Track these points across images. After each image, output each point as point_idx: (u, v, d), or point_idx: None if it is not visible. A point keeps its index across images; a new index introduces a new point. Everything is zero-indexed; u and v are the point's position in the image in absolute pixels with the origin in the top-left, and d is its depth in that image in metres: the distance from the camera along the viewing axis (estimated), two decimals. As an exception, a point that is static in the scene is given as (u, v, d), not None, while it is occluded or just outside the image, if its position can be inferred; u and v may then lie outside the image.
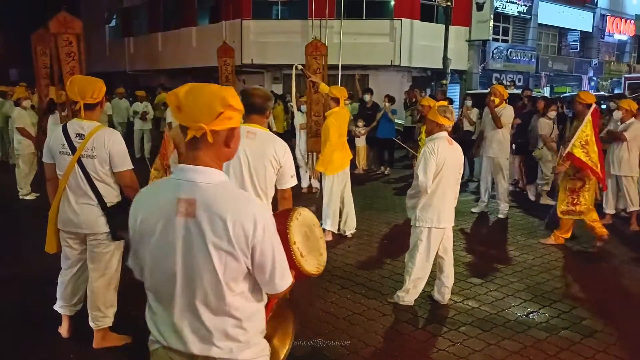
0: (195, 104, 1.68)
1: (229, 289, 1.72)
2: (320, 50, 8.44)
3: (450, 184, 4.52)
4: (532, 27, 24.44)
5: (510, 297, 4.95)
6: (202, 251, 1.69)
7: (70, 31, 6.38)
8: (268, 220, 1.73)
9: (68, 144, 3.41)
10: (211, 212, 1.68)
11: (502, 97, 7.56)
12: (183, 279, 1.73)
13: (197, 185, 1.71)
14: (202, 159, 1.74)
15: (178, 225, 1.71)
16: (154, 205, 1.77)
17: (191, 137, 1.69)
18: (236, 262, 1.70)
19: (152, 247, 1.76)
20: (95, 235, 3.53)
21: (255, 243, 1.69)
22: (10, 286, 5.03)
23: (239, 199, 1.73)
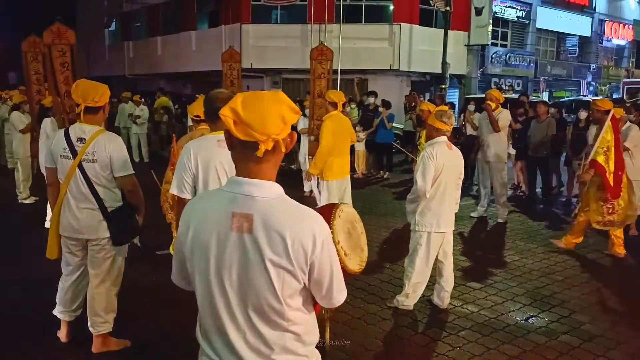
0: (262, 115, 1.59)
1: (287, 305, 1.66)
2: (326, 55, 8.49)
3: (450, 189, 4.53)
4: (530, 31, 24.53)
5: (510, 302, 4.95)
6: (259, 268, 1.62)
7: (64, 41, 6.44)
8: (327, 235, 1.67)
9: (69, 148, 3.41)
10: (269, 228, 1.60)
11: (497, 102, 7.62)
12: (239, 295, 1.66)
13: (255, 200, 1.63)
14: (264, 171, 1.66)
15: (233, 241, 1.63)
16: (207, 218, 1.68)
17: (264, 150, 1.60)
18: (294, 279, 1.64)
19: (205, 262, 1.68)
20: (97, 240, 3.53)
21: (314, 259, 1.63)
22: (10, 289, 5.04)
23: (298, 214, 1.65)
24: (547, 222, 7.92)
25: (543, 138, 8.90)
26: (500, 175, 7.71)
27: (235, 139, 1.63)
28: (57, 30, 6.41)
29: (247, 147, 1.62)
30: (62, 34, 6.42)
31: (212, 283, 1.67)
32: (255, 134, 1.58)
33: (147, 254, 5.48)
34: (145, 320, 4.39)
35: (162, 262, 5.52)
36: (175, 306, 4.67)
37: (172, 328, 4.26)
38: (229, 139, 1.68)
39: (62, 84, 6.48)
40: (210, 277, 1.67)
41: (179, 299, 4.81)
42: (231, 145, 1.69)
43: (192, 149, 3.07)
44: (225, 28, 20.00)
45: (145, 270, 5.25)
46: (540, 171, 9.42)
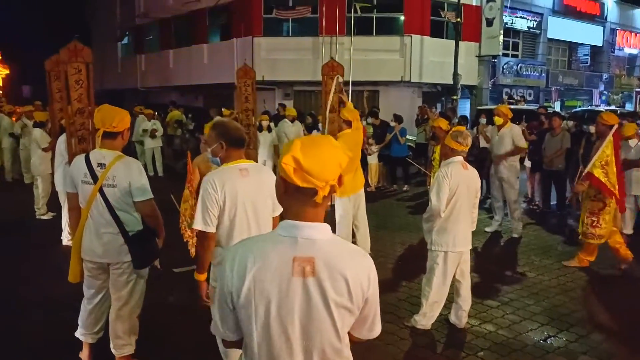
0: (322, 163, 1.62)
1: (343, 342, 1.71)
2: (337, 70, 8.54)
3: (465, 208, 4.54)
4: (542, 41, 24.49)
5: (527, 321, 4.93)
6: (323, 310, 1.64)
7: (80, 59, 6.56)
8: (375, 273, 1.74)
9: (90, 173, 3.46)
10: (332, 270, 1.63)
11: (505, 117, 7.63)
12: (302, 340, 1.67)
13: (315, 242, 1.65)
14: (320, 214, 1.70)
15: (295, 286, 1.63)
16: (266, 264, 1.65)
17: (322, 196, 1.63)
18: (351, 317, 1.70)
19: (266, 309, 1.65)
20: (118, 264, 3.57)
21: (368, 296, 1.70)
22: (31, 310, 5.08)
23: (354, 254, 1.71)
24: (562, 237, 7.88)
25: (558, 151, 8.87)
26: (513, 190, 7.71)
27: (291, 184, 1.64)
28: (74, 48, 6.53)
29: (304, 193, 1.64)
30: (78, 52, 6.54)
31: (272, 330, 1.66)
32: (315, 180, 1.61)
33: (164, 273, 5.52)
34: (165, 341, 4.41)
35: (179, 280, 5.58)
36: (194, 326, 4.72)
37: (192, 348, 4.29)
38: (284, 184, 1.67)
39: (75, 101, 6.60)
40: (270, 324, 1.65)
41: (198, 319, 4.88)
42: (285, 190, 1.69)
43: (217, 181, 3.06)
44: (237, 41, 20.15)
45: (163, 289, 5.28)
46: (554, 185, 9.38)
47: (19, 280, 5.93)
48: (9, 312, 5.06)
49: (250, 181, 3.10)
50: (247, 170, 3.12)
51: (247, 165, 3.15)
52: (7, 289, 5.69)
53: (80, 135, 6.66)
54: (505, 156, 7.70)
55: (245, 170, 3.11)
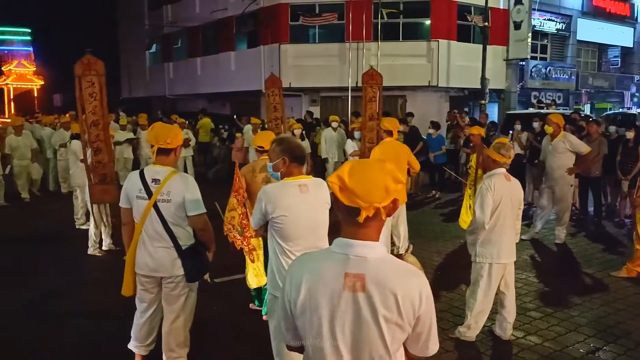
0: (367, 185, 1.70)
1: (393, 356, 1.78)
2: (376, 79, 8.60)
3: (509, 220, 4.51)
4: (571, 44, 24.14)
5: (573, 332, 4.87)
6: (372, 324, 1.72)
7: (94, 73, 6.71)
8: (429, 292, 1.78)
9: (145, 188, 3.54)
10: (382, 287, 1.71)
11: (556, 126, 7.51)
12: (351, 352, 1.76)
13: (366, 260, 1.73)
14: (370, 234, 1.76)
15: (346, 300, 1.73)
16: (320, 279, 1.76)
17: (365, 217, 1.70)
18: (402, 333, 1.76)
19: (318, 320, 1.76)
20: (171, 278, 3.63)
21: (420, 313, 1.75)
22: (80, 321, 5.18)
23: (405, 272, 1.77)
24: (602, 245, 7.76)
25: (595, 158, 8.73)
26: (566, 199, 7.63)
27: (340, 202, 1.75)
28: (88, 62, 6.69)
29: (350, 212, 1.73)
30: (91, 66, 6.70)
31: (324, 340, 1.77)
32: (359, 201, 1.69)
33: (206, 283, 5.59)
34: (213, 353, 4.47)
35: (221, 290, 5.65)
36: (240, 337, 4.78)
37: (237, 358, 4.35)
38: (336, 202, 1.78)
39: (90, 113, 6.75)
40: (322, 334, 1.76)
41: (243, 330, 4.95)
42: (337, 207, 1.79)
43: (269, 196, 3.19)
44: (264, 48, 20.31)
45: (206, 299, 5.32)
46: (591, 192, 9.25)
47: (61, 290, 6.07)
48: (54, 322, 5.17)
49: (309, 197, 3.18)
50: (307, 186, 3.20)
51: (307, 181, 3.23)
52: (51, 298, 5.83)
53: (96, 147, 6.80)
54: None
55: (305, 187, 3.19)
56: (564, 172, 7.53)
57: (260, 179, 4.93)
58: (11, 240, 8.21)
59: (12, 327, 5.04)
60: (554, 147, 7.62)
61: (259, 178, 4.92)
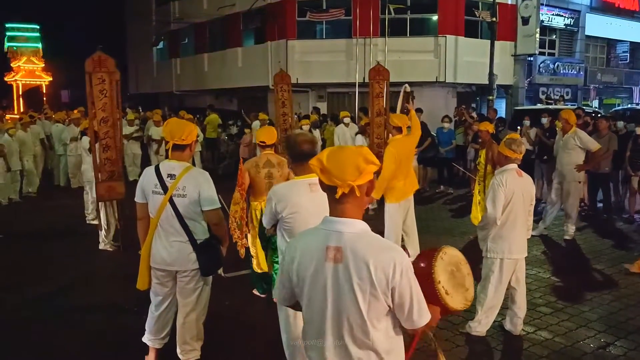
0: (340, 165, 1.94)
1: (372, 325, 1.95)
2: (383, 75, 8.59)
3: (521, 215, 4.52)
4: (579, 39, 23.99)
5: (584, 328, 4.88)
6: (348, 292, 1.94)
7: (104, 70, 6.76)
8: (406, 265, 1.94)
9: (160, 183, 3.58)
10: (356, 258, 1.92)
11: (566, 123, 7.50)
12: (332, 316, 1.99)
13: (343, 235, 1.96)
14: (349, 210, 1.99)
15: (327, 270, 1.97)
16: (307, 251, 2.03)
17: (340, 193, 1.93)
18: (378, 302, 1.93)
19: (307, 287, 2.03)
20: (186, 271, 3.67)
21: (394, 285, 1.92)
22: (90, 315, 5.22)
23: (380, 246, 1.97)
24: (612, 241, 7.76)
25: (604, 154, 8.71)
26: (575, 195, 7.63)
27: (324, 184, 2.00)
28: (98, 59, 6.73)
29: (331, 191, 1.99)
30: (102, 63, 6.74)
31: (312, 303, 2.03)
32: (335, 179, 1.94)
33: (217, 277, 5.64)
34: (226, 346, 4.51)
35: (232, 284, 5.69)
36: (251, 331, 4.83)
37: (249, 352, 4.38)
38: (321, 184, 2.03)
39: (100, 110, 6.80)
40: (311, 298, 2.03)
41: (254, 324, 4.99)
42: (322, 188, 2.04)
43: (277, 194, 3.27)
44: (271, 44, 20.32)
45: (217, 294, 5.36)
46: (601, 188, 9.24)
47: (74, 285, 6.12)
48: (67, 316, 5.23)
49: (320, 196, 3.12)
50: (317, 185, 3.15)
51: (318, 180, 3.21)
52: (64, 293, 5.89)
53: (105, 143, 6.85)
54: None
55: (315, 185, 3.13)
56: (573, 168, 7.52)
57: (264, 174, 5.00)
58: (24, 236, 8.29)
59: (26, 321, 5.10)
60: (564, 143, 7.62)
61: (262, 173, 4.99)
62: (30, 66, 30.76)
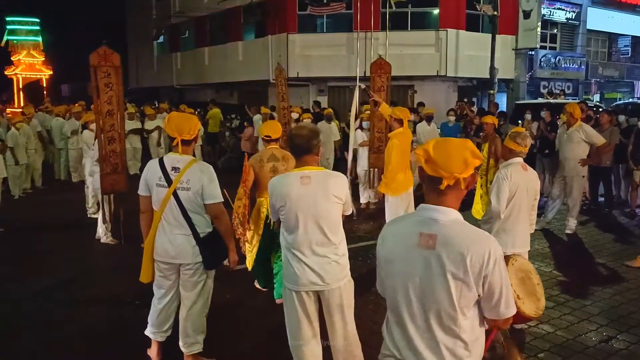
0: (448, 157, 1.95)
1: (462, 313, 1.96)
2: (384, 69, 8.57)
3: (524, 210, 4.52)
4: (580, 33, 23.91)
5: (586, 322, 4.88)
6: (440, 279, 1.95)
7: (109, 64, 6.81)
8: (499, 254, 1.96)
9: (164, 176, 3.58)
10: (450, 246, 1.94)
11: (570, 116, 7.47)
12: (420, 302, 2.00)
13: (438, 222, 1.98)
14: (447, 201, 2.01)
15: (418, 255, 1.98)
16: (399, 236, 2.06)
17: (446, 185, 1.95)
18: (469, 291, 1.94)
19: (394, 271, 2.06)
20: (190, 264, 3.67)
21: (487, 273, 1.92)
22: (92, 308, 5.23)
23: (475, 235, 1.98)
24: (613, 235, 7.76)
25: (606, 148, 8.69)
26: (578, 190, 7.62)
27: (425, 173, 2.01)
28: (104, 53, 6.79)
29: (433, 182, 1.99)
30: (107, 57, 6.81)
31: (398, 288, 2.05)
32: (441, 171, 1.95)
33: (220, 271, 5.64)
34: (228, 339, 4.52)
35: (234, 278, 5.67)
36: (253, 324, 4.84)
37: (251, 347, 4.39)
38: (421, 173, 2.05)
39: (105, 103, 6.83)
40: (397, 282, 2.05)
41: (256, 317, 5.00)
42: (422, 178, 2.06)
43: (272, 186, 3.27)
44: (271, 38, 20.27)
45: (219, 287, 5.37)
46: (602, 182, 9.23)
47: (76, 278, 6.13)
48: (69, 309, 5.23)
49: (311, 189, 3.16)
50: (309, 178, 3.17)
51: (311, 173, 3.20)
52: (66, 286, 5.90)
53: (110, 136, 6.87)
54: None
55: (307, 178, 3.17)
56: (577, 162, 7.49)
57: (268, 169, 4.95)
58: (25, 229, 8.29)
59: (27, 313, 5.11)
60: (569, 137, 7.58)
61: (267, 168, 4.95)
62: (30, 60, 30.68)
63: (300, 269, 3.17)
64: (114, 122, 6.91)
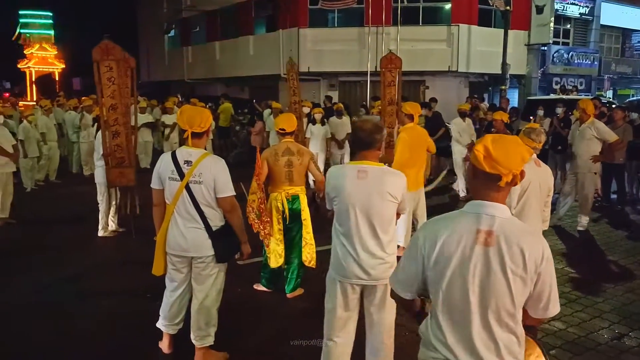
0: (508, 154, 1.95)
1: (518, 310, 1.97)
2: (395, 63, 8.54)
3: (536, 206, 4.47)
4: (594, 28, 23.70)
5: (598, 319, 4.86)
6: (500, 276, 1.94)
7: (111, 58, 6.83)
8: (550, 253, 2.00)
9: (177, 170, 3.59)
10: (510, 243, 1.94)
11: (583, 112, 7.41)
12: (479, 299, 1.97)
13: (495, 219, 1.97)
14: (500, 197, 2.02)
15: (477, 253, 1.96)
16: (454, 233, 2.00)
17: (505, 182, 1.95)
18: (525, 288, 1.95)
19: (450, 269, 2.00)
20: (202, 258, 3.69)
21: (541, 270, 1.95)
22: (104, 300, 5.26)
23: (530, 232, 2.00)
24: (625, 232, 7.70)
25: (619, 145, 8.61)
26: (590, 187, 7.56)
27: (480, 170, 1.99)
28: (105, 47, 6.81)
29: (490, 178, 1.98)
30: (109, 51, 6.83)
31: (454, 288, 2.00)
32: (501, 168, 1.95)
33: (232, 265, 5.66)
34: (240, 332, 4.54)
35: (245, 271, 5.70)
36: (264, 317, 4.86)
37: (262, 341, 4.41)
38: (474, 170, 2.03)
39: (109, 97, 6.87)
40: (453, 282, 2.00)
41: (266, 310, 5.02)
42: (475, 174, 2.04)
43: (329, 175, 3.30)
44: (282, 32, 20.25)
45: (229, 280, 5.40)
46: (615, 178, 9.16)
47: (88, 271, 6.17)
48: (81, 301, 5.27)
49: (366, 184, 3.13)
50: (366, 173, 3.14)
51: (368, 168, 3.15)
52: (78, 279, 5.93)
53: (114, 130, 6.90)
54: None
55: (364, 172, 3.14)
56: (588, 159, 7.44)
57: (283, 163, 4.93)
58: (37, 222, 8.37)
59: (39, 305, 5.15)
60: (581, 133, 7.52)
61: (282, 162, 4.93)
62: (42, 53, 30.88)
63: (348, 261, 3.18)
64: (118, 116, 6.94)
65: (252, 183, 4.91)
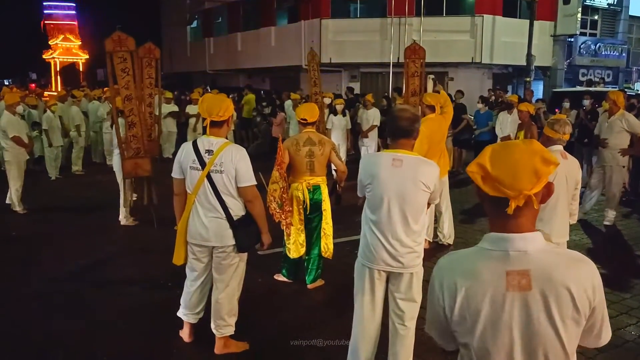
0: (512, 170, 1.51)
1: (572, 354, 1.61)
2: (418, 54, 8.43)
3: (563, 199, 4.36)
4: (622, 19, 23.17)
5: (625, 315, 4.74)
6: (545, 323, 1.54)
7: (125, 49, 6.87)
8: (600, 280, 1.61)
9: (198, 159, 3.57)
10: (552, 282, 1.53)
11: (613, 104, 7.23)
12: (523, 352, 1.58)
13: (528, 254, 1.55)
14: (524, 224, 1.58)
15: (511, 301, 1.55)
16: (476, 282, 1.58)
17: (514, 207, 1.52)
18: (578, 328, 1.58)
19: (481, 324, 1.59)
20: (223, 247, 3.67)
21: (595, 304, 1.59)
22: (125, 289, 5.29)
23: (574, 264, 1.59)
24: (654, 227, 7.52)
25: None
26: (617, 180, 7.39)
27: (484, 193, 1.57)
28: (118, 39, 6.85)
29: (497, 203, 1.55)
30: (122, 42, 6.86)
31: (490, 346, 1.59)
32: (505, 189, 1.51)
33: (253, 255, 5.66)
34: (259, 322, 4.53)
35: (265, 262, 5.70)
36: (284, 307, 4.85)
37: (282, 332, 4.39)
38: (479, 193, 1.61)
39: (123, 88, 6.90)
40: (487, 340, 1.59)
41: (286, 300, 5.01)
42: (481, 198, 1.62)
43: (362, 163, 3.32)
44: (304, 23, 20.19)
45: (250, 270, 5.40)
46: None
47: (110, 259, 6.23)
48: (103, 289, 5.30)
49: (400, 172, 3.12)
50: (401, 161, 3.12)
51: (403, 156, 3.14)
52: (100, 267, 5.99)
53: (130, 120, 6.94)
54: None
55: (399, 161, 3.12)
56: (617, 152, 7.26)
57: (304, 153, 4.90)
58: (61, 209, 8.48)
59: (62, 292, 5.21)
60: (610, 125, 7.33)
61: (303, 152, 4.90)
62: (67, 44, 31.29)
63: (377, 248, 3.19)
64: (133, 107, 6.99)
65: (273, 173, 4.89)
